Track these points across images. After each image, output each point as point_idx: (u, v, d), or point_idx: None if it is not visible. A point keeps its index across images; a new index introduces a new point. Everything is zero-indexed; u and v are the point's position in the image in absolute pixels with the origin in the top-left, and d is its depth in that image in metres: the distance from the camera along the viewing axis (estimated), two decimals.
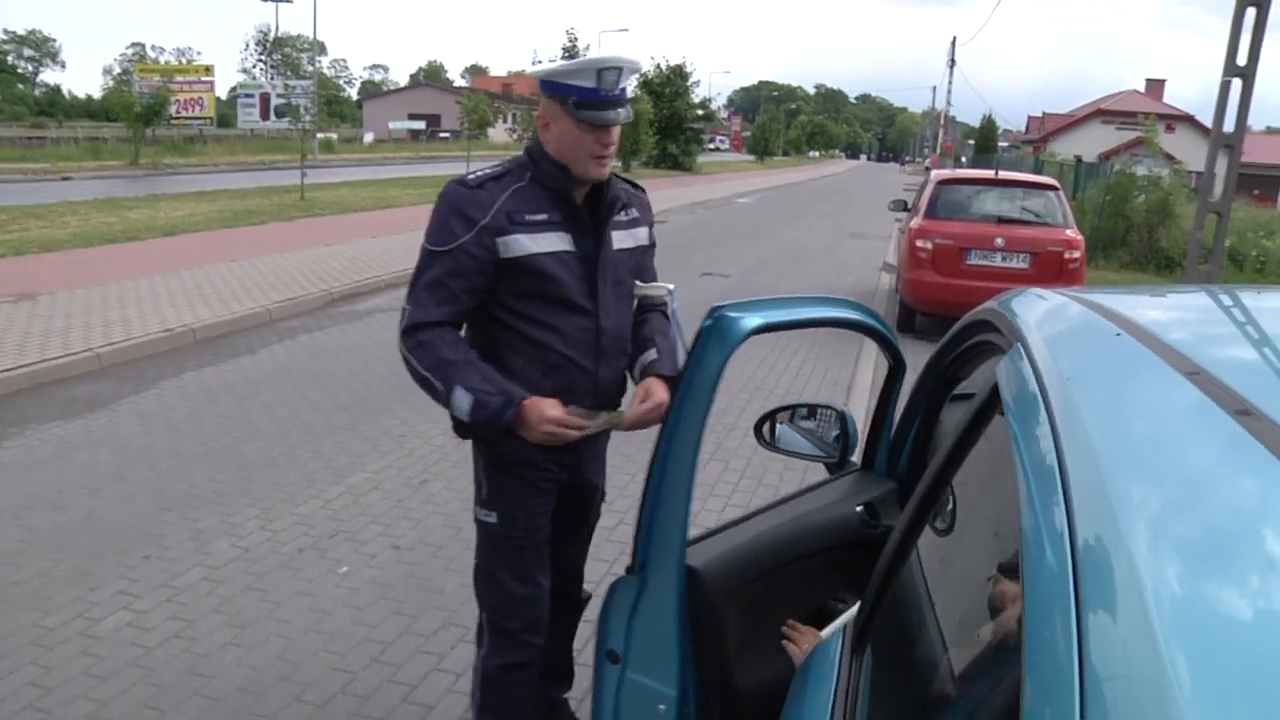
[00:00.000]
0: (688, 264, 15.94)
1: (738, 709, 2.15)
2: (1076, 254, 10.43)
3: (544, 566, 2.86)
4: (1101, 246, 18.03)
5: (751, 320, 1.92)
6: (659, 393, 2.65)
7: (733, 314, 1.90)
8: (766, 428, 2.87)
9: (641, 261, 2.90)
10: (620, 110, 2.55)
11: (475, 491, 2.82)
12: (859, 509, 2.42)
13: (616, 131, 2.60)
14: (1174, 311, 1.60)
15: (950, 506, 1.88)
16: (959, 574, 1.74)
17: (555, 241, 2.61)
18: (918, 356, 8.78)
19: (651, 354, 2.81)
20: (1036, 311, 1.47)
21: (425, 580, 4.59)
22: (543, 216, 2.60)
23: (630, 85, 2.61)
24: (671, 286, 2.89)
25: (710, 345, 1.90)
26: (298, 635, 4.09)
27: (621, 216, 2.76)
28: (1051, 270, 10.29)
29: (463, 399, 2.51)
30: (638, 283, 2.85)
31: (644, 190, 2.97)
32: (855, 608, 2.32)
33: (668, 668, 2.01)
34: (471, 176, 2.63)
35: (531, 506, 2.78)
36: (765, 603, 2.23)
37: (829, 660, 1.67)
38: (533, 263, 2.58)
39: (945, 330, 8.64)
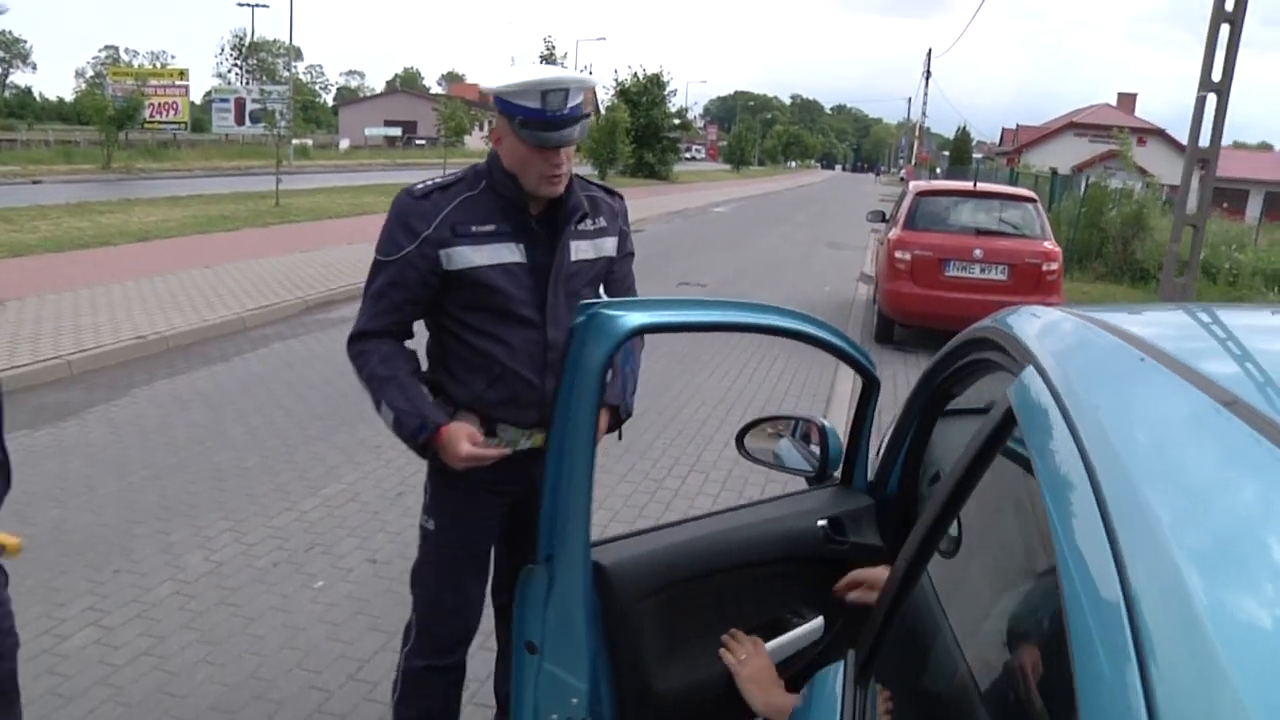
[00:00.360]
0: (665, 273, 15.91)
1: (659, 711, 2.12)
2: (1054, 266, 10.46)
3: (479, 579, 2.87)
4: (1077, 258, 18.15)
5: (633, 319, 1.88)
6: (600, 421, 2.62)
7: (610, 312, 1.87)
8: (749, 439, 2.83)
9: (611, 272, 2.83)
10: (570, 130, 2.46)
11: (424, 496, 2.84)
12: (821, 524, 2.37)
13: (569, 150, 2.52)
14: (1186, 332, 1.55)
15: (955, 529, 1.84)
16: (973, 599, 1.69)
17: (503, 253, 2.57)
18: (895, 368, 8.84)
19: None
20: (1046, 332, 1.43)
21: (402, 595, 4.45)
22: (491, 227, 2.56)
23: (582, 102, 2.52)
24: None
25: (587, 344, 1.87)
26: (272, 652, 4.01)
27: (586, 225, 2.70)
28: (1029, 282, 10.32)
29: (387, 414, 2.60)
30: (604, 297, 2.78)
31: (620, 196, 2.90)
32: (812, 625, 2.28)
33: (579, 662, 2.01)
34: (420, 186, 2.61)
35: (469, 520, 2.78)
36: (697, 607, 2.19)
37: (829, 692, 1.61)
38: (476, 275, 2.55)
39: (923, 342, 8.74)
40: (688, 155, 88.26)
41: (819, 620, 2.30)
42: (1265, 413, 0.90)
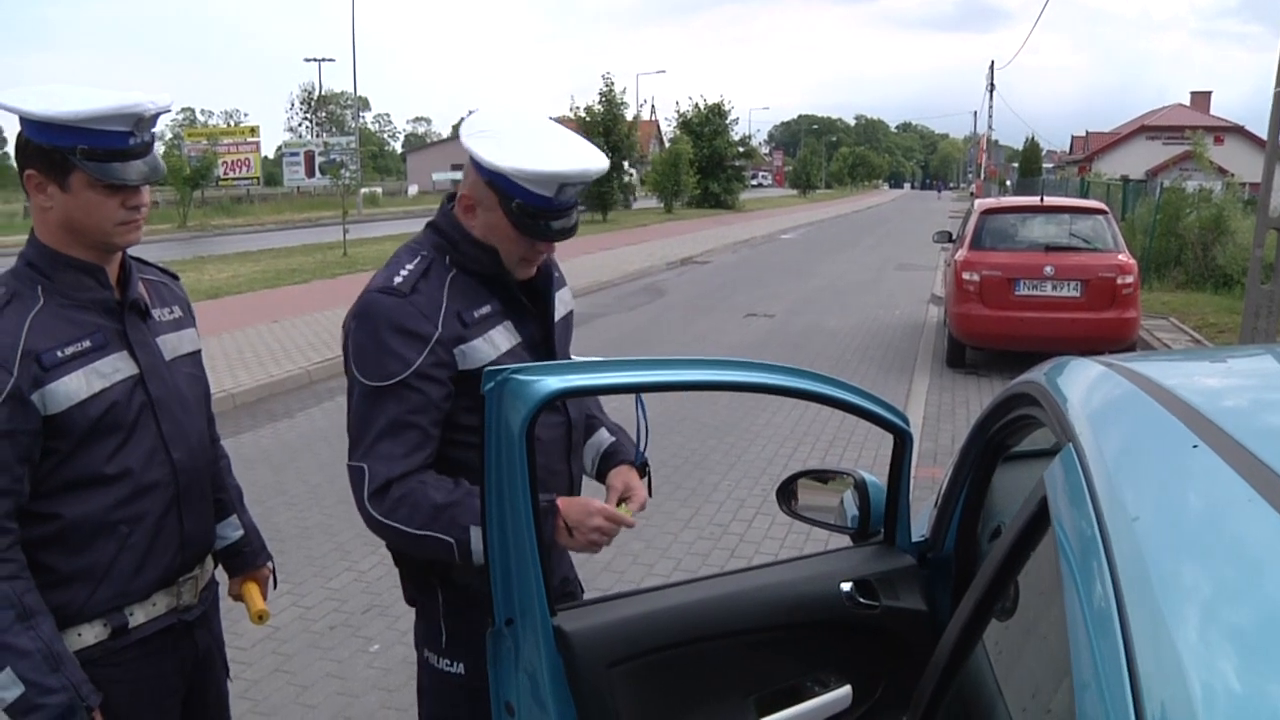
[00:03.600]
0: (731, 305, 15.78)
1: None
2: (1129, 279, 10.08)
3: None
4: (1155, 267, 17.59)
5: (549, 383, 1.78)
6: (640, 490, 2.28)
7: (523, 377, 1.77)
8: (790, 493, 2.69)
9: (572, 329, 2.48)
10: (569, 218, 2.12)
11: (427, 637, 2.30)
12: (846, 586, 2.21)
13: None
14: (1255, 400, 1.35)
15: (1012, 591, 1.68)
16: (1032, 665, 1.55)
17: (506, 337, 2.18)
18: (969, 393, 8.52)
19: (606, 438, 2.44)
20: (1091, 401, 1.26)
21: None
22: (486, 309, 2.16)
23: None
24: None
25: (504, 411, 1.77)
26: None
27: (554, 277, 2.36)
28: (1105, 297, 9.96)
29: (479, 541, 1.97)
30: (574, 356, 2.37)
31: None
32: (837, 694, 2.13)
33: None
34: (398, 280, 2.11)
35: None
36: (689, 674, 2.07)
37: None
38: None
39: (997, 365, 8.43)
40: (754, 182, 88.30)
41: (846, 689, 2.15)
42: None
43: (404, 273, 2.13)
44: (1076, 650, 0.78)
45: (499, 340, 2.16)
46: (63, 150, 1.93)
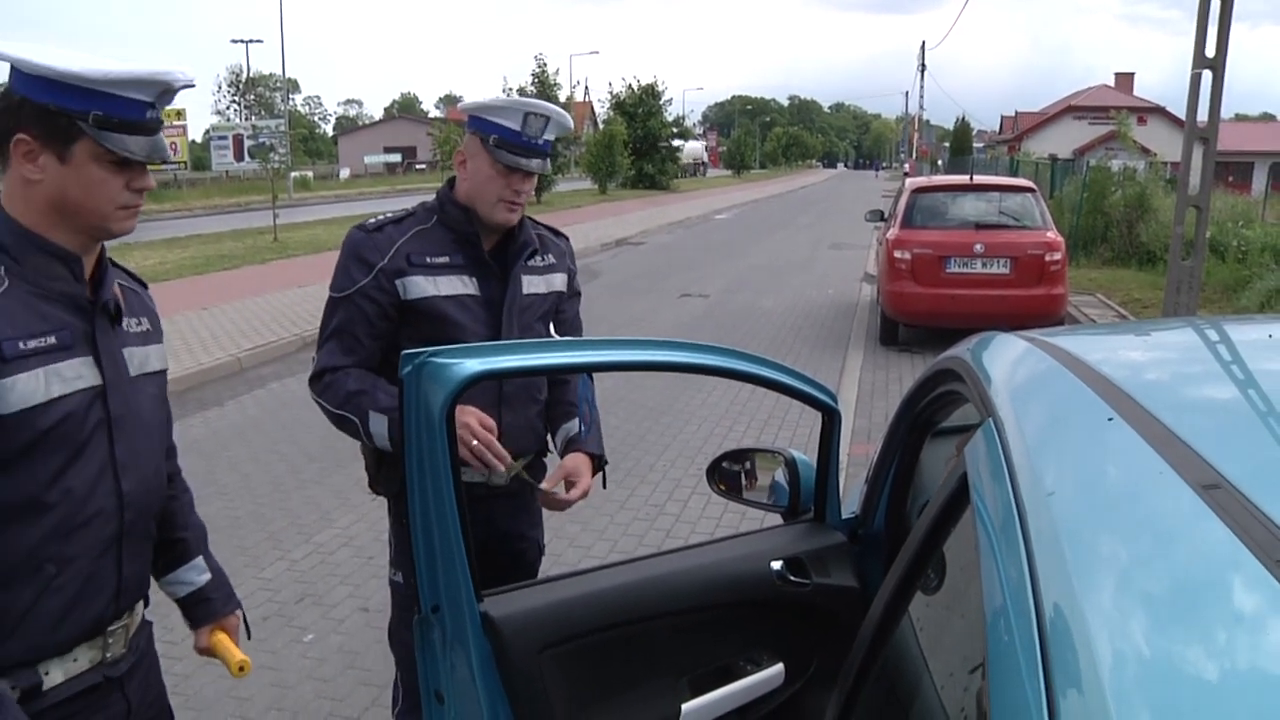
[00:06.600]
0: (666, 285, 15.80)
1: None
2: (1057, 255, 10.27)
3: None
4: (1082, 244, 17.94)
5: (469, 366, 1.77)
6: (585, 478, 2.58)
7: (442, 360, 1.77)
8: (720, 473, 2.71)
9: (560, 310, 2.82)
10: (537, 160, 2.53)
11: (392, 552, 2.79)
12: (776, 564, 2.22)
13: (531, 181, 2.57)
14: (1173, 373, 1.37)
15: (939, 565, 1.70)
16: (957, 638, 1.57)
17: (457, 285, 2.57)
18: (902, 370, 8.61)
19: (575, 425, 2.71)
20: (1013, 376, 1.27)
21: None
22: (445, 259, 2.56)
23: (553, 140, 2.60)
24: None
25: (421, 394, 1.76)
26: (258, 715, 3.87)
27: (536, 261, 2.71)
28: (1033, 274, 10.13)
29: (379, 423, 2.44)
30: (557, 336, 2.73)
31: (566, 238, 2.93)
32: (769, 672, 2.15)
33: (480, 716, 1.91)
34: (372, 221, 2.62)
35: None
36: (622, 656, 2.08)
37: None
38: (431, 306, 2.53)
39: (929, 342, 8.51)
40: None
41: (779, 667, 2.16)
42: (1254, 504, 0.74)
43: (380, 218, 2.63)
44: (992, 622, 0.79)
45: (444, 285, 2.54)
46: (71, 114, 1.65)
